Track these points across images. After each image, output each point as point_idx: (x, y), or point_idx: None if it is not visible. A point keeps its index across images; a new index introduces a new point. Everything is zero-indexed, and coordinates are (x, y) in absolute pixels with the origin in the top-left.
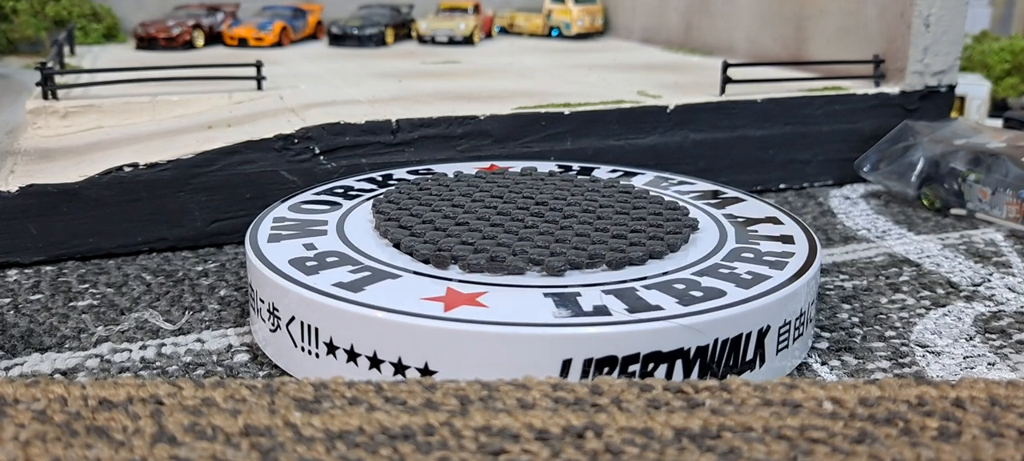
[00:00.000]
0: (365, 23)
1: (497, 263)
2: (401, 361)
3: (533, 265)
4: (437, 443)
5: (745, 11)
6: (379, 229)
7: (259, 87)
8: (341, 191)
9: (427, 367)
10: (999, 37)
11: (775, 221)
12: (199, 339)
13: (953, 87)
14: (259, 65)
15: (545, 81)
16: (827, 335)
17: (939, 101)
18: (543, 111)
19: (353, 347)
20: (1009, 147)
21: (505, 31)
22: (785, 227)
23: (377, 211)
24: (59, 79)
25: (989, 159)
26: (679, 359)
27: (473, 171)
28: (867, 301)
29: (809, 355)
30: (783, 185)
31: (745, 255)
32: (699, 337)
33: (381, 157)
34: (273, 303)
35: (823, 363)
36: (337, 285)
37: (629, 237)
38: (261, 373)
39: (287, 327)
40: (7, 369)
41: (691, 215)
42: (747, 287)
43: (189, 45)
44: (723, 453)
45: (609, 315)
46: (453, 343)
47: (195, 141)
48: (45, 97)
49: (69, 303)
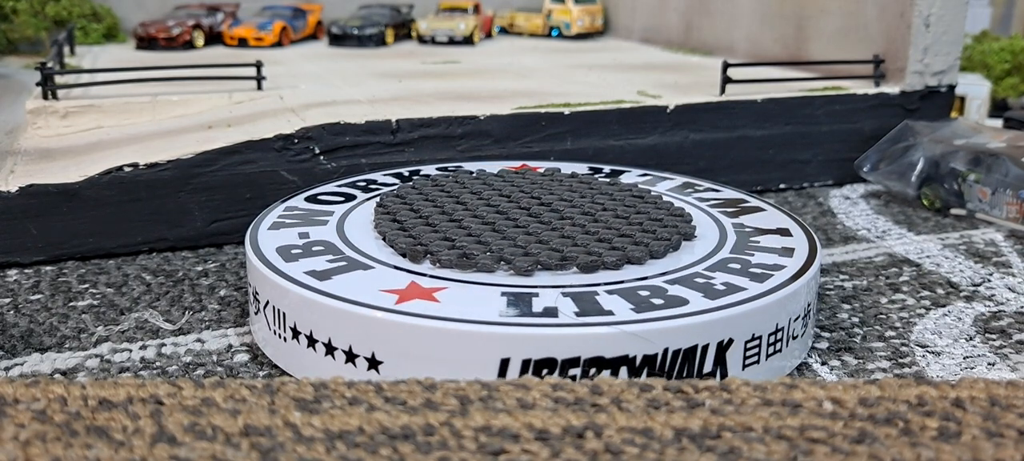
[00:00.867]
0: (365, 23)
1: (467, 260)
2: (351, 350)
3: (503, 264)
4: (437, 443)
5: (745, 11)
6: (374, 222)
7: (259, 87)
8: (362, 185)
9: (374, 357)
10: (999, 37)
11: (785, 233)
12: (199, 339)
13: (953, 87)
14: (259, 65)
15: (545, 81)
16: (827, 335)
17: (939, 101)
18: (543, 111)
19: (312, 333)
20: (1009, 147)
21: (505, 31)
22: (791, 240)
23: (380, 205)
24: (59, 79)
25: (989, 159)
26: (624, 366)
27: (495, 170)
28: (867, 301)
29: (809, 355)
30: (783, 185)
31: (733, 266)
32: (647, 345)
33: (381, 157)
34: (255, 287)
35: (823, 363)
36: (308, 273)
37: (615, 241)
38: (261, 373)
39: (264, 310)
40: (7, 369)
41: (694, 222)
42: (715, 298)
43: (189, 45)
44: (723, 453)
45: (555, 318)
46: (397, 335)
47: (195, 141)
48: (45, 97)
49: (69, 303)
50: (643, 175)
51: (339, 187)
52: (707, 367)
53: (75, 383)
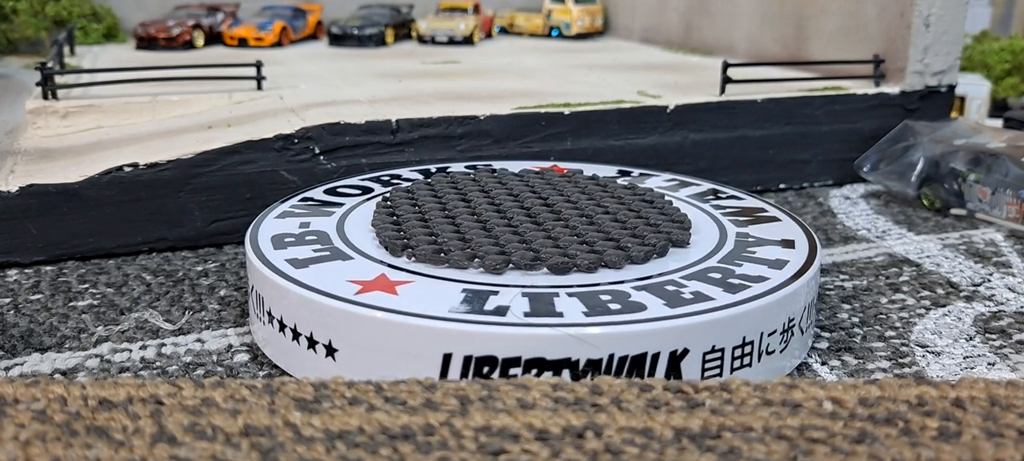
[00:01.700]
0: (365, 23)
1: (440, 255)
2: (312, 336)
3: (475, 261)
4: (437, 443)
5: (745, 11)
6: (372, 216)
7: (259, 87)
8: (387, 180)
9: (331, 345)
10: (999, 37)
11: (789, 244)
12: (199, 339)
13: (953, 87)
14: (259, 65)
15: (545, 81)
16: (827, 335)
17: (939, 101)
18: (543, 111)
19: (282, 319)
20: (1009, 147)
21: (505, 31)
22: (790, 253)
23: (385, 199)
24: (59, 79)
25: (989, 159)
26: (566, 369)
27: (517, 170)
28: (867, 301)
29: (809, 355)
30: (783, 185)
31: (712, 275)
32: (592, 350)
33: (381, 157)
34: (247, 273)
35: (823, 363)
36: (289, 261)
37: (597, 244)
38: (261, 373)
39: (250, 295)
40: (7, 369)
41: (691, 229)
42: (676, 306)
43: (189, 45)
44: (723, 453)
45: (503, 317)
46: (351, 325)
47: (195, 141)
48: (45, 97)
49: (69, 303)
50: (670, 180)
51: (362, 181)
52: (658, 375)
53: (75, 383)
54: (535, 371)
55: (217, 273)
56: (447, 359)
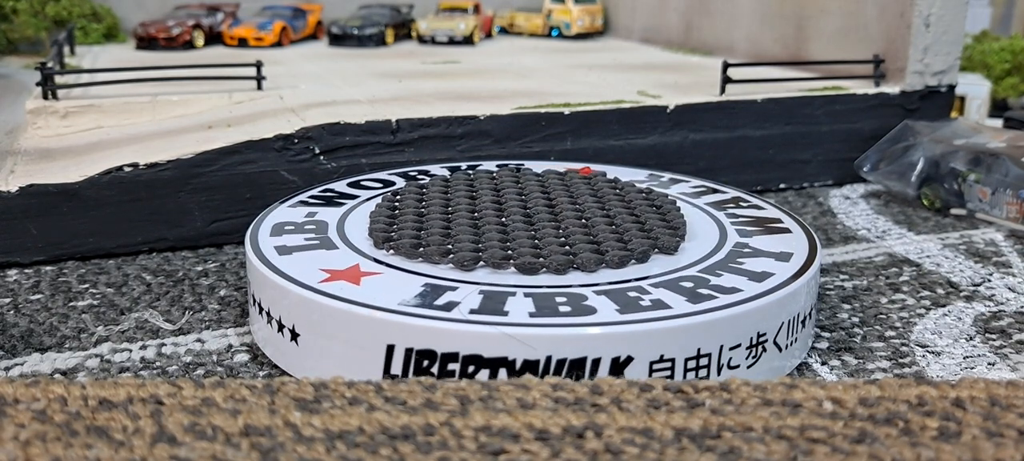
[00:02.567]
0: (365, 23)
1: (415, 250)
2: (280, 321)
3: (446, 257)
4: (437, 443)
5: (745, 11)
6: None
7: (259, 87)
8: (414, 175)
9: (294, 330)
10: (999, 37)
11: (784, 257)
12: (199, 339)
13: (953, 87)
14: (259, 65)
15: (545, 81)
16: (827, 335)
17: (939, 101)
18: (543, 111)
19: (260, 302)
20: (1009, 147)
21: (505, 31)
22: (780, 266)
23: (395, 194)
24: (59, 79)
25: (989, 159)
26: (503, 368)
27: (557, 170)
28: (867, 301)
29: (809, 355)
30: (783, 185)
31: (684, 284)
32: (529, 351)
33: (381, 157)
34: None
35: (823, 363)
36: (277, 248)
37: (577, 247)
38: (261, 373)
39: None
40: (7, 369)
41: (682, 237)
42: (629, 312)
43: (189, 45)
44: (723, 453)
45: (448, 312)
46: (309, 312)
47: (195, 141)
48: (45, 97)
49: (69, 303)
50: (697, 186)
51: (388, 175)
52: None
53: (75, 383)
54: (472, 367)
55: (217, 273)
56: (390, 351)
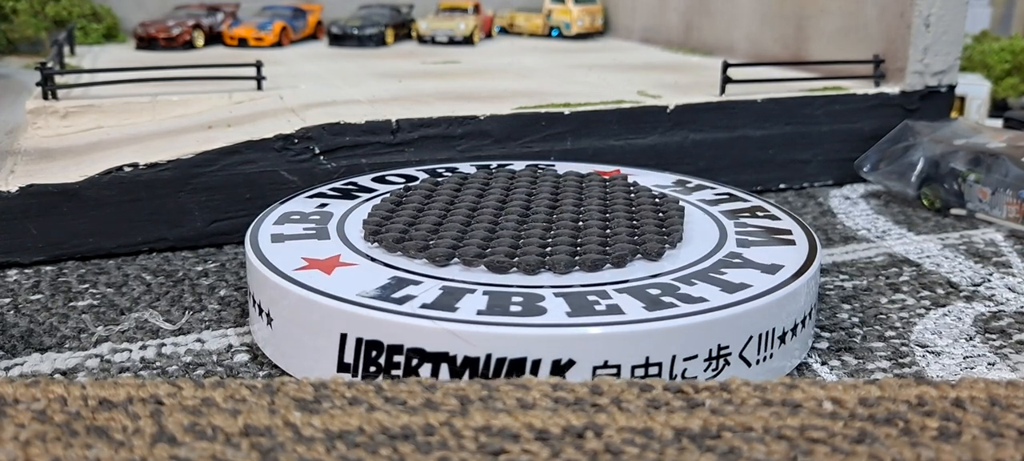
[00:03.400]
0: (365, 23)
1: (397, 244)
2: (260, 305)
3: (422, 252)
4: (437, 443)
5: (745, 11)
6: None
7: (259, 87)
8: (441, 172)
9: (269, 315)
10: (999, 37)
11: (771, 270)
12: (199, 339)
13: (953, 87)
14: (259, 65)
15: (545, 81)
16: (827, 335)
17: (939, 101)
18: (543, 111)
19: (248, 287)
20: (1009, 147)
21: (505, 31)
22: (762, 278)
23: (408, 189)
24: (59, 79)
25: (989, 159)
26: (444, 363)
27: (577, 172)
28: (867, 301)
29: (809, 355)
30: (783, 185)
31: (652, 291)
32: (469, 348)
33: (381, 157)
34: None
35: (823, 363)
36: (272, 236)
37: (558, 248)
38: (261, 373)
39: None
40: (7, 369)
41: (669, 244)
42: (578, 315)
43: (189, 45)
44: (723, 453)
45: (400, 306)
46: (278, 298)
47: (195, 141)
48: (45, 97)
49: (69, 303)
50: (721, 194)
51: (416, 171)
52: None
53: (75, 383)
54: (416, 361)
55: (217, 273)
56: (343, 339)
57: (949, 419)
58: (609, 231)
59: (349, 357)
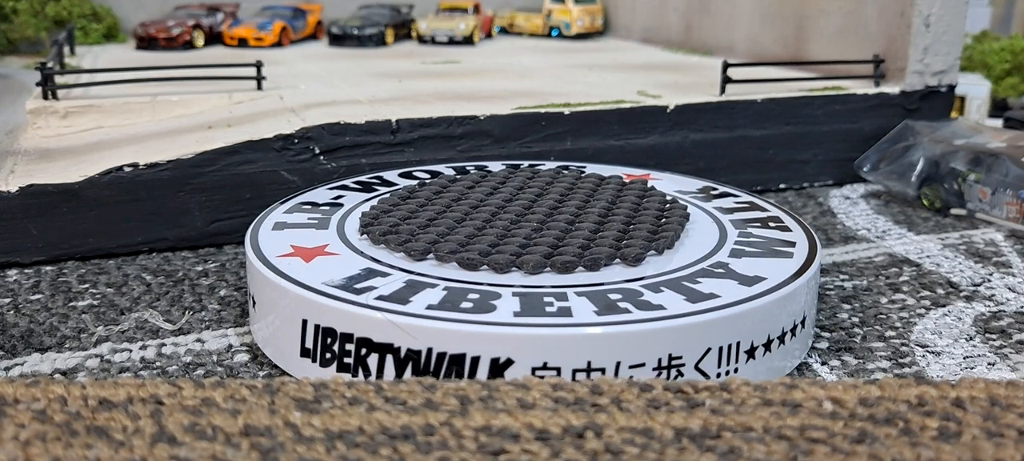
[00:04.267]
0: (365, 23)
1: (382, 238)
2: (247, 289)
3: (400, 246)
4: (437, 443)
5: (745, 11)
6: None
7: (259, 87)
8: (470, 170)
9: (253, 300)
10: (999, 37)
11: (751, 281)
12: (199, 339)
13: (953, 87)
14: (259, 65)
15: (545, 81)
16: (827, 335)
17: (939, 101)
18: (543, 111)
19: (247, 286)
20: (1009, 147)
21: (505, 31)
22: (735, 289)
23: (421, 185)
24: (59, 79)
25: (989, 159)
26: (389, 354)
27: (600, 174)
28: (867, 301)
29: (809, 355)
30: (783, 185)
31: (612, 296)
32: (410, 340)
33: (381, 157)
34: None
35: (823, 363)
36: (275, 224)
37: (536, 249)
38: (261, 373)
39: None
40: (7, 369)
41: (652, 250)
42: (527, 315)
43: (189, 45)
44: (723, 453)
45: (357, 296)
46: (257, 281)
47: (195, 141)
48: (45, 97)
49: (69, 303)
50: (742, 202)
51: (445, 167)
52: (480, 378)
53: (75, 383)
54: (364, 350)
55: (217, 273)
56: (304, 325)
57: (949, 419)
58: (599, 234)
59: (309, 343)
